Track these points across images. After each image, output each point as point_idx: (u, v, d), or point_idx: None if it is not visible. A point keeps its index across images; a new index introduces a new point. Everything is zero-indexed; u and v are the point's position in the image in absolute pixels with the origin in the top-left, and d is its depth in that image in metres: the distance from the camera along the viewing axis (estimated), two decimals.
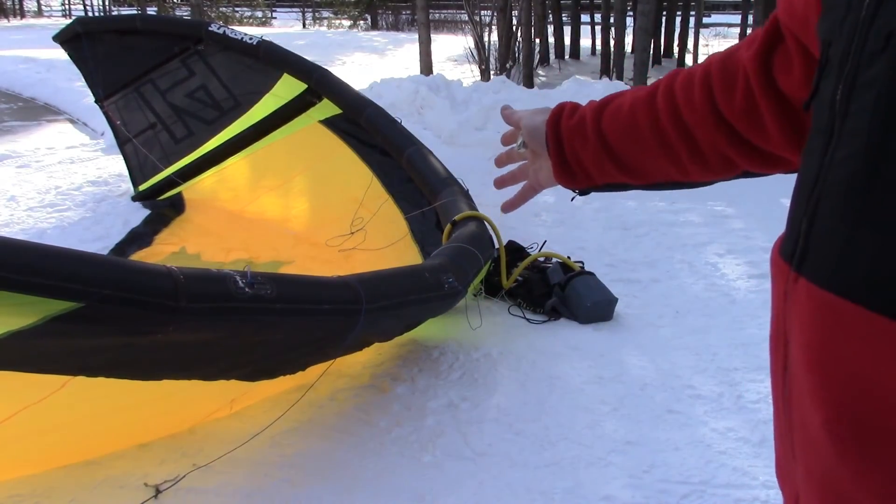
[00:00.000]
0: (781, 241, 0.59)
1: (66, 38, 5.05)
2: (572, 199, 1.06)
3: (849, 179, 0.49)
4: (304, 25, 27.86)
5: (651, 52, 13.08)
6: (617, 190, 0.96)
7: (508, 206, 1.07)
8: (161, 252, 4.23)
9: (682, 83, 0.86)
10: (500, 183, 1.09)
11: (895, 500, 0.47)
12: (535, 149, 0.98)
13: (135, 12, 19.08)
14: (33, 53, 13.51)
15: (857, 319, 0.47)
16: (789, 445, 0.58)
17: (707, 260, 4.20)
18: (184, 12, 22.24)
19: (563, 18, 18.04)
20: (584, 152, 0.92)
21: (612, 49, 12.20)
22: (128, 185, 5.25)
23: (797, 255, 0.54)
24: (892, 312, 0.46)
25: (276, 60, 4.44)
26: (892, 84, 0.46)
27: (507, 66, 11.26)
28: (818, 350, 0.51)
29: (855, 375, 0.48)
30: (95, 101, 5.22)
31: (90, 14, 24.57)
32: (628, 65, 11.16)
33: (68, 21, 5.87)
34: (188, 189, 4.92)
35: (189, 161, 4.82)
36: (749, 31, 11.44)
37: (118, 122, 5.08)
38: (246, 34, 4.64)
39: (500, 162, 1.08)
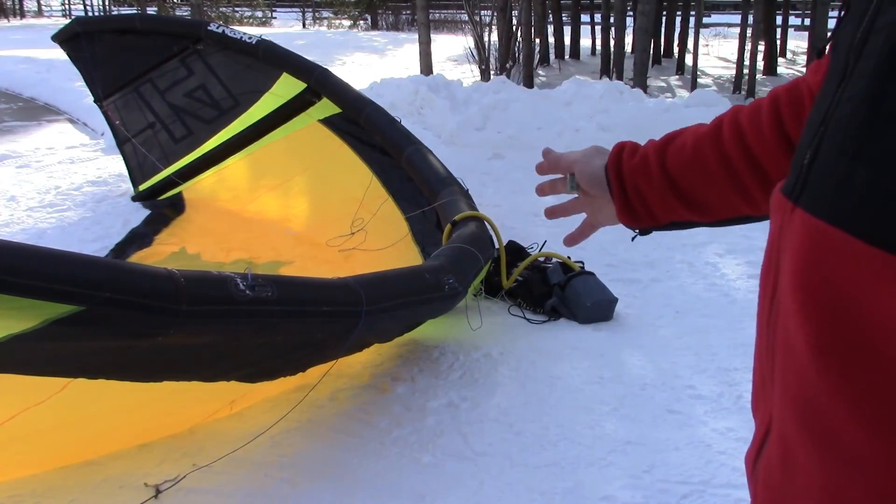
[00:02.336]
0: (783, 181, 0.62)
1: (64, 38, 5.05)
2: (633, 239, 1.06)
3: (851, 115, 0.53)
4: (304, 25, 27.84)
5: (651, 52, 13.07)
6: (681, 228, 0.96)
7: (571, 241, 1.07)
8: (161, 252, 4.23)
9: (748, 114, 0.86)
10: (552, 214, 1.08)
11: (867, 410, 0.50)
12: (595, 193, 0.97)
13: (134, 12, 19.08)
14: (33, 53, 13.50)
15: (843, 245, 0.51)
16: (769, 369, 0.61)
17: (707, 260, 4.20)
18: (184, 12, 22.24)
19: (563, 18, 18.04)
20: (649, 192, 0.92)
21: (612, 49, 12.19)
22: (128, 185, 5.25)
23: (796, 188, 0.58)
24: (875, 240, 0.49)
25: (275, 60, 4.44)
26: None
27: (507, 66, 11.26)
28: (806, 271, 0.54)
29: (839, 296, 0.52)
30: (94, 101, 5.22)
31: (90, 14, 24.54)
32: (628, 65, 11.16)
33: (68, 21, 5.86)
34: (188, 189, 4.92)
35: (188, 161, 4.82)
36: (749, 31, 11.41)
37: (117, 122, 5.08)
38: (245, 34, 4.64)
39: (543, 192, 1.07)
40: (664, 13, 16.16)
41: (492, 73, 11.13)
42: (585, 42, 17.67)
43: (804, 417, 0.55)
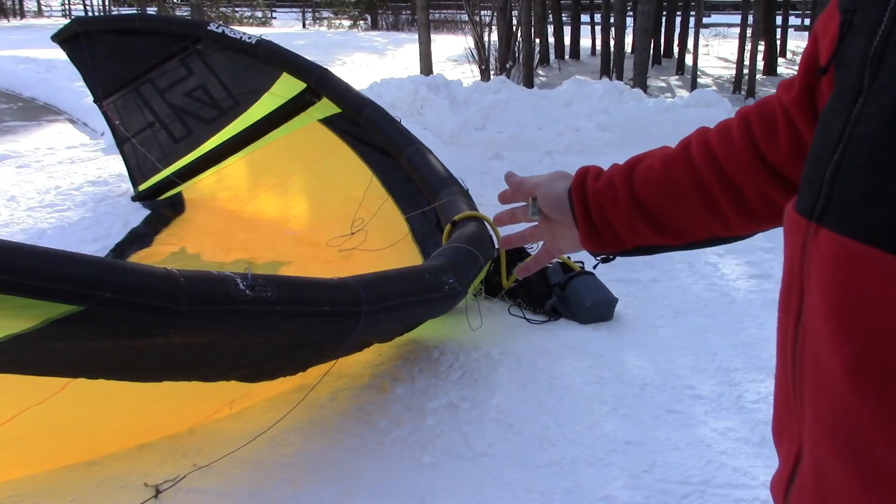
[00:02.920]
0: (796, 200, 0.61)
1: (64, 38, 5.05)
2: (595, 267, 1.03)
3: (877, 131, 0.52)
4: (304, 25, 27.84)
5: (651, 52, 13.07)
6: (647, 253, 0.94)
7: (524, 271, 1.05)
8: (161, 252, 4.23)
9: (717, 135, 0.85)
10: (507, 244, 1.06)
11: None
12: (557, 218, 0.94)
13: (134, 12, 19.08)
14: (33, 53, 13.50)
15: (879, 263, 0.50)
16: (795, 396, 0.60)
17: (707, 260, 4.20)
18: (184, 12, 22.24)
19: (563, 18, 18.04)
20: (614, 215, 0.90)
21: (612, 49, 12.20)
22: (128, 185, 5.25)
23: (818, 208, 0.56)
24: None
25: (275, 59, 4.44)
26: None
27: (507, 66, 11.26)
28: (839, 294, 0.53)
29: (875, 317, 0.50)
30: (94, 101, 5.22)
31: (90, 14, 24.55)
32: (628, 65, 11.17)
33: (68, 21, 5.86)
34: (188, 189, 4.92)
35: (188, 161, 4.82)
36: (749, 31, 11.41)
37: (117, 122, 5.08)
38: (245, 33, 4.64)
39: (501, 222, 1.04)
40: (664, 13, 16.16)
41: (492, 73, 11.13)
42: (585, 42, 17.67)
43: (841, 444, 0.54)
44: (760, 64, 12.67)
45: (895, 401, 0.50)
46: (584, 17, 18.19)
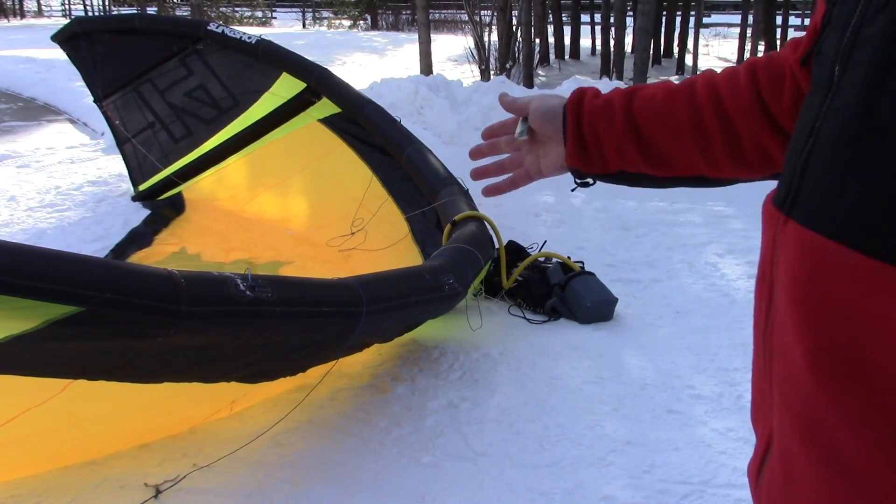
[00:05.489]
0: (774, 192, 0.62)
1: (64, 38, 5.05)
2: (573, 190, 1.03)
3: (842, 127, 0.53)
4: (304, 25, 27.85)
5: (651, 52, 13.07)
6: (627, 182, 0.93)
7: (494, 191, 1.02)
8: (161, 252, 4.23)
9: (724, 76, 0.86)
10: (481, 174, 1.03)
11: (867, 423, 0.50)
12: (546, 132, 0.93)
13: (134, 12, 19.07)
14: (33, 53, 13.51)
15: (838, 256, 0.51)
16: (767, 382, 0.61)
17: (707, 260, 4.21)
18: (184, 12, 22.23)
19: (563, 18, 18.04)
20: (606, 134, 0.89)
21: (612, 49, 12.20)
22: (128, 185, 5.25)
23: (788, 200, 0.58)
24: (870, 250, 0.49)
25: (275, 59, 4.44)
26: (887, 40, 0.50)
27: (507, 66, 11.26)
28: (802, 285, 0.54)
29: (835, 308, 0.51)
30: (94, 101, 5.22)
31: (90, 14, 24.55)
32: (628, 65, 11.16)
33: (68, 21, 5.86)
34: (188, 189, 4.92)
35: (188, 161, 4.82)
36: (749, 31, 11.42)
37: (117, 122, 5.08)
38: (245, 33, 4.64)
39: (479, 154, 1.02)
40: (664, 13, 16.16)
41: (492, 73, 11.13)
42: (585, 42, 17.68)
43: (804, 431, 0.55)
44: None
45: (854, 391, 0.51)
46: (584, 17, 18.21)
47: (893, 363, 0.48)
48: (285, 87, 4.42)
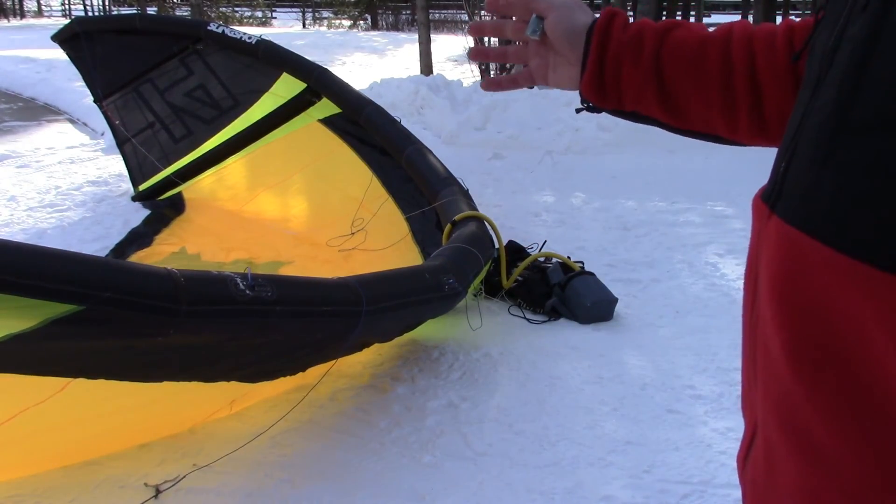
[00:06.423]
0: (764, 186, 0.63)
1: (64, 38, 5.05)
2: (578, 111, 0.98)
3: (821, 124, 0.54)
4: (304, 25, 27.86)
5: None
6: (637, 121, 0.89)
7: (493, 84, 0.96)
8: (161, 252, 4.23)
9: (762, 34, 0.82)
10: (481, 55, 0.96)
11: (839, 415, 0.51)
12: (561, 50, 0.86)
13: (134, 12, 19.08)
14: (33, 53, 13.51)
15: (812, 251, 0.52)
16: (752, 372, 0.63)
17: (707, 260, 4.20)
18: (184, 12, 22.24)
19: None
20: (629, 74, 0.84)
21: None
22: (128, 185, 5.25)
23: (773, 195, 0.59)
24: (840, 245, 0.50)
25: (275, 59, 4.44)
26: (864, 40, 0.51)
27: (507, 66, 11.26)
28: (781, 279, 0.55)
29: (809, 302, 0.53)
30: (94, 101, 5.22)
31: (90, 14, 24.57)
32: None
33: (68, 21, 5.87)
34: (188, 189, 4.92)
35: (188, 161, 4.82)
36: None
37: (117, 122, 5.08)
38: (245, 33, 4.64)
39: (480, 31, 0.95)
40: (664, 13, 16.17)
41: (492, 73, 11.13)
42: None
43: (783, 421, 0.56)
44: None
45: (829, 383, 0.52)
46: None
47: (859, 358, 0.50)
48: (285, 88, 4.42)
